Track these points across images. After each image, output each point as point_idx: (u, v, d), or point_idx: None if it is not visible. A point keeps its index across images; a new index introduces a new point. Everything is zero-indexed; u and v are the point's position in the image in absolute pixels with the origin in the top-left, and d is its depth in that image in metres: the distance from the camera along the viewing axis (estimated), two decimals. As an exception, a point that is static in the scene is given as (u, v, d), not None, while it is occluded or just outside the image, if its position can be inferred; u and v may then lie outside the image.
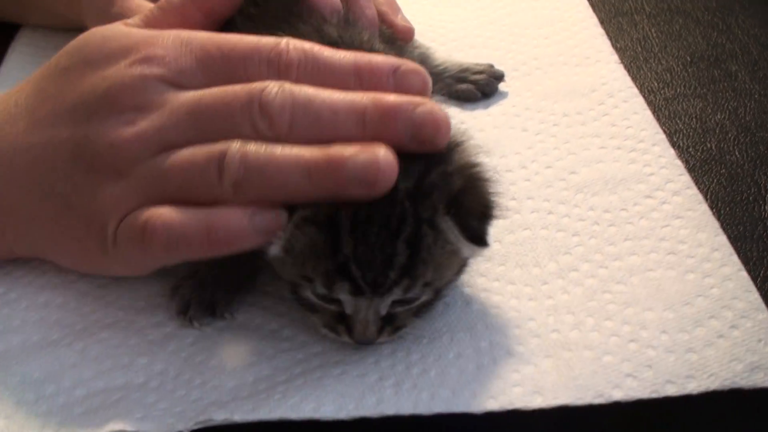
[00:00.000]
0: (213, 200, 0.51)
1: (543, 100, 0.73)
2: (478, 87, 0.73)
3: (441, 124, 0.50)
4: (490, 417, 0.49)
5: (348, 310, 0.51)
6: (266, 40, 0.54)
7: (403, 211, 0.48)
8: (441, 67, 0.73)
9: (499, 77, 0.74)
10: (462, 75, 0.73)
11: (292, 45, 0.53)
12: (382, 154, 0.48)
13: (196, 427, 0.48)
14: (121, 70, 0.55)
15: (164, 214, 0.51)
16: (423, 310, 0.53)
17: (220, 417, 0.48)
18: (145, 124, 0.53)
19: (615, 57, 0.76)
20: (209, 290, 0.56)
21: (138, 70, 0.54)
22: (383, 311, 0.51)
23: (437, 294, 0.53)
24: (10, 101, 0.58)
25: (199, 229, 0.50)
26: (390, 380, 0.51)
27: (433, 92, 0.54)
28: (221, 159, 0.50)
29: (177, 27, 0.57)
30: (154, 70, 0.54)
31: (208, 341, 0.55)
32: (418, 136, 0.50)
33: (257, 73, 0.53)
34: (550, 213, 0.63)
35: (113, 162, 0.53)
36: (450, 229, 0.49)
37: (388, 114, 0.50)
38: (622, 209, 0.62)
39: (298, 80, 0.52)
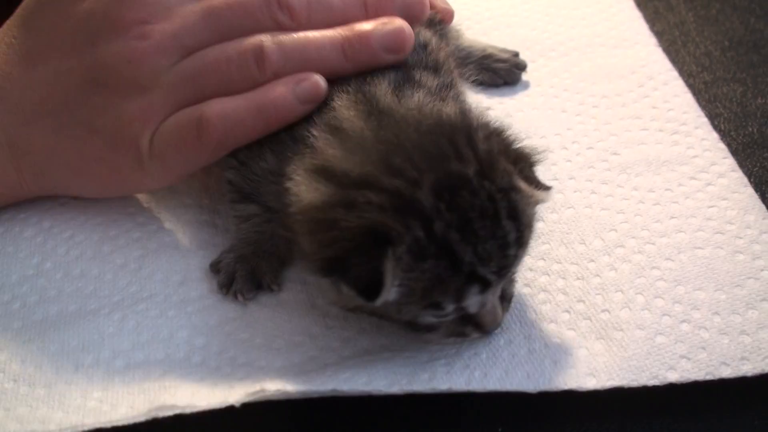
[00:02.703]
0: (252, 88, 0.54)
1: (581, 82, 0.71)
2: (500, 76, 0.72)
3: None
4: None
5: (473, 309, 0.49)
6: None
7: (489, 194, 0.46)
8: (465, 52, 0.72)
9: (522, 67, 0.72)
10: (484, 62, 0.71)
11: None
12: (400, 22, 0.56)
13: (248, 399, 0.47)
14: None
15: (214, 105, 0.53)
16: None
17: (272, 388, 0.47)
18: (158, 34, 0.53)
19: (653, 40, 0.75)
20: (252, 263, 0.55)
21: None
22: (500, 292, 0.50)
23: None
24: (0, 44, 0.57)
25: (250, 110, 0.53)
26: (441, 360, 0.50)
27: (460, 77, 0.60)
28: (258, 51, 0.53)
29: None
30: None
31: (251, 317, 0.54)
32: (406, 10, 0.57)
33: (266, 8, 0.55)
34: (593, 192, 0.61)
35: (135, 77, 0.53)
36: (525, 185, 0.48)
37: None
38: (667, 189, 0.61)
39: (309, 20, 0.56)
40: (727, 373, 0.50)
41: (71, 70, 0.55)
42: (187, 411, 0.46)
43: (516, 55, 0.72)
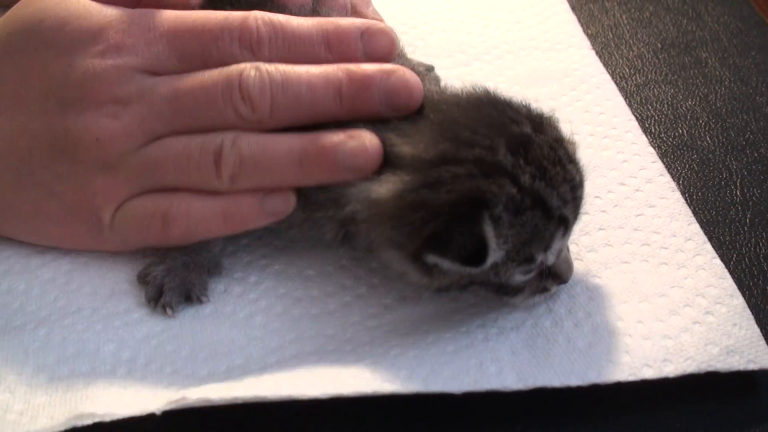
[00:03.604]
0: (209, 189, 0.53)
1: (516, 85, 0.72)
2: None
3: (413, 89, 0.53)
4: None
5: (551, 259, 0.52)
6: (234, 16, 0.54)
7: (549, 145, 0.51)
8: None
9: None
10: None
11: (260, 19, 0.54)
12: (368, 139, 0.51)
13: (169, 407, 0.47)
14: (92, 60, 0.53)
15: (182, 204, 0.53)
16: None
17: (194, 396, 0.47)
18: (127, 117, 0.53)
19: (587, 43, 0.76)
20: (181, 275, 0.55)
21: (110, 61, 0.53)
22: None
23: None
24: None
25: (215, 215, 0.53)
26: (367, 360, 0.50)
27: None
28: (217, 153, 0.52)
29: None
30: (128, 60, 0.53)
31: (179, 329, 0.54)
32: (392, 103, 0.53)
33: (230, 53, 0.54)
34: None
35: (101, 155, 0.53)
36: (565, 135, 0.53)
37: (362, 86, 0.52)
38: (596, 197, 0.62)
39: (270, 55, 0.54)
40: (649, 374, 0.50)
41: (37, 133, 0.54)
42: (107, 419, 0.47)
43: (430, 69, 0.72)
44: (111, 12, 0.55)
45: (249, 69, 0.52)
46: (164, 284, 0.54)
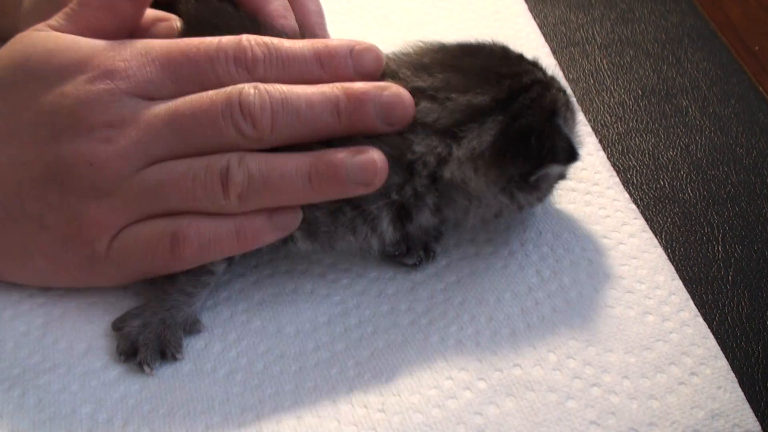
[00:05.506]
0: (216, 210, 0.53)
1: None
2: None
3: (407, 104, 0.55)
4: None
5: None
6: (227, 39, 0.55)
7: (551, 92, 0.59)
8: None
9: None
10: None
11: (253, 41, 0.55)
12: (374, 152, 0.53)
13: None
14: (83, 87, 0.53)
15: (192, 223, 0.53)
16: None
17: None
18: (123, 140, 0.52)
19: (568, 90, 0.76)
20: (156, 331, 0.54)
21: (101, 86, 0.52)
22: None
23: None
24: None
25: (228, 233, 0.53)
26: None
27: None
28: (224, 173, 0.52)
29: (108, 21, 0.56)
30: (120, 84, 0.53)
31: (156, 388, 0.53)
32: (388, 118, 0.54)
33: (226, 73, 0.54)
34: (510, 253, 0.62)
35: (95, 181, 0.52)
36: None
37: (359, 102, 0.54)
38: (581, 247, 0.62)
39: (266, 74, 0.54)
40: (635, 439, 0.50)
41: (28, 163, 0.53)
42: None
43: None
44: (99, 43, 0.55)
45: (248, 87, 0.53)
46: (138, 340, 0.53)
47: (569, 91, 0.61)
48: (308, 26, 0.63)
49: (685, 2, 0.89)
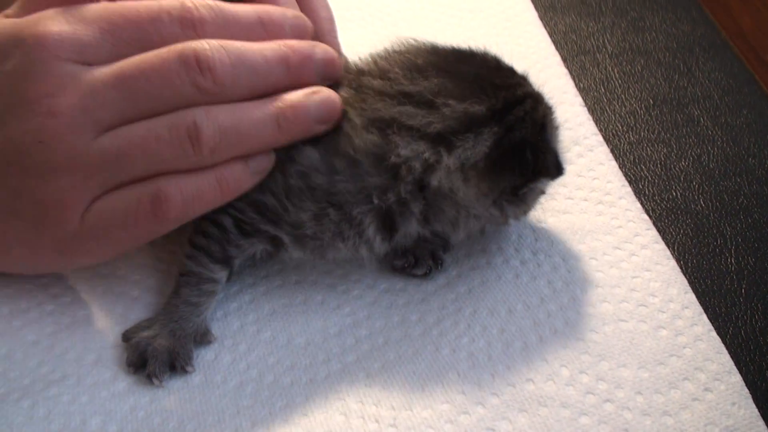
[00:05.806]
0: (187, 167, 0.52)
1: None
2: None
3: (336, 60, 0.57)
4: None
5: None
6: (169, 1, 0.54)
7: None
8: None
9: None
10: None
11: (197, 2, 0.54)
12: (327, 91, 0.55)
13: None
14: (18, 60, 0.50)
15: (170, 182, 0.52)
16: None
17: None
18: (67, 109, 0.50)
19: (579, 99, 0.75)
20: (166, 343, 0.53)
21: (33, 55, 0.50)
22: None
23: None
24: None
25: (210, 185, 0.53)
26: None
27: None
28: (191, 129, 0.51)
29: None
30: (53, 50, 0.50)
31: (165, 401, 0.52)
32: (325, 73, 0.56)
33: (171, 34, 0.53)
34: (521, 262, 0.61)
35: (48, 159, 0.50)
36: None
37: (305, 57, 0.56)
38: (592, 258, 0.61)
39: (213, 35, 0.53)
40: (650, 456, 0.50)
41: None
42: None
43: None
44: (33, 16, 0.52)
45: (203, 43, 0.52)
46: (147, 351, 0.53)
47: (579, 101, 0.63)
48: (320, 33, 0.63)
49: (696, 11, 0.88)
